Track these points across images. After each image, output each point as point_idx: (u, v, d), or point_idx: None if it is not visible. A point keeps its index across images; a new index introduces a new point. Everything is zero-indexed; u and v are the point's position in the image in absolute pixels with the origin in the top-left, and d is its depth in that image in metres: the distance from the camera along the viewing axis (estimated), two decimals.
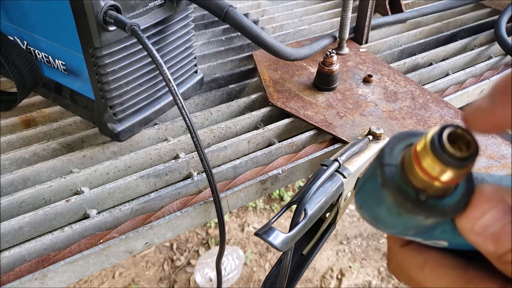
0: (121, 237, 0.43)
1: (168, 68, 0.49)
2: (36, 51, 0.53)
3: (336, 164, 0.44)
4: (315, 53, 0.69)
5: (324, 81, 0.63)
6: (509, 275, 0.18)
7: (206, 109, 0.61)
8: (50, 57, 0.52)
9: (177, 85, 0.58)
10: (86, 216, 0.47)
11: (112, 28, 0.44)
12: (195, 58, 0.60)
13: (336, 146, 0.56)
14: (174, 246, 1.58)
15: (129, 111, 0.52)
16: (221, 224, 0.47)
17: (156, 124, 0.58)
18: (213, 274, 1.42)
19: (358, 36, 0.77)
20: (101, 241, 0.43)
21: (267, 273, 0.46)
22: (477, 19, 0.93)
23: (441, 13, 0.92)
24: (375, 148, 0.49)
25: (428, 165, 0.17)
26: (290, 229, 0.39)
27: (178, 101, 0.43)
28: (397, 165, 0.19)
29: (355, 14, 0.76)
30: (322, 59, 0.62)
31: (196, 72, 0.61)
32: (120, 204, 0.47)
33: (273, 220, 0.39)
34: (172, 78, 0.43)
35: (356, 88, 0.65)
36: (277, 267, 0.44)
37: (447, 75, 0.73)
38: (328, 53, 0.61)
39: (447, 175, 0.17)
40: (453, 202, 0.18)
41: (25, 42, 0.53)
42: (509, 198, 0.18)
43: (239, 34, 0.80)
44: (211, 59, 0.75)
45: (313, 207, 0.40)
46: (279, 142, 0.56)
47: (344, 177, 0.44)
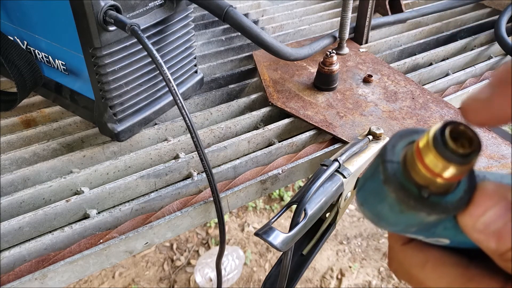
0: (121, 237, 0.43)
1: (168, 68, 0.49)
2: (36, 51, 0.53)
3: (336, 164, 0.44)
4: (315, 53, 0.69)
5: (324, 81, 0.63)
6: (511, 273, 0.18)
7: (206, 109, 0.61)
8: (50, 57, 0.52)
9: (177, 85, 0.58)
10: (86, 216, 0.47)
11: (112, 28, 0.44)
12: (195, 58, 0.60)
13: (336, 146, 0.56)
14: (174, 246, 1.58)
15: (129, 111, 0.52)
16: (221, 224, 0.47)
17: (156, 124, 0.58)
18: (213, 274, 1.42)
19: (358, 36, 0.77)
20: (101, 241, 0.43)
21: (267, 273, 0.46)
22: (477, 19, 0.93)
23: (441, 13, 0.92)
24: (375, 148, 0.49)
25: (431, 162, 0.17)
26: (290, 229, 0.39)
27: (178, 101, 0.43)
28: (399, 162, 0.19)
29: (355, 14, 0.76)
30: (322, 59, 0.62)
31: (196, 72, 0.61)
32: (120, 204, 0.47)
33: (273, 220, 0.39)
34: (172, 78, 0.43)
35: (356, 88, 0.65)
36: (277, 267, 0.44)
37: (447, 75, 0.73)
38: (328, 53, 0.61)
39: (450, 172, 0.17)
40: (456, 199, 0.18)
41: (25, 42, 0.53)
42: (511, 196, 0.18)
43: (239, 34, 0.80)
44: (211, 59, 0.75)
45: (313, 207, 0.40)
46: (279, 142, 0.56)
47: (344, 177, 0.44)
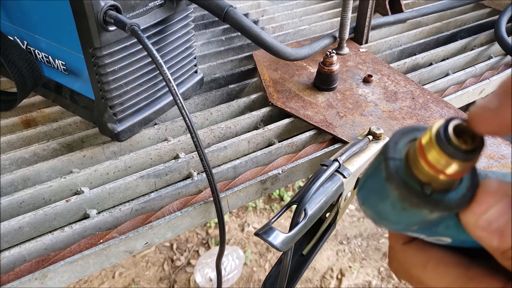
0: (121, 237, 0.43)
1: (168, 68, 0.49)
2: (36, 51, 0.53)
3: (336, 164, 0.44)
4: (315, 53, 0.69)
5: (324, 81, 0.63)
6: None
7: (206, 109, 0.61)
8: (50, 57, 0.52)
9: (177, 85, 0.58)
10: (86, 216, 0.47)
11: (112, 28, 0.44)
12: (195, 58, 0.60)
13: (336, 146, 0.56)
14: (174, 246, 1.58)
15: (129, 111, 0.52)
16: (221, 224, 0.47)
17: (156, 124, 0.58)
18: (213, 274, 1.42)
19: (358, 36, 0.77)
20: (101, 241, 0.43)
21: (267, 273, 0.46)
22: (477, 19, 0.93)
23: (441, 13, 0.92)
24: (375, 148, 0.49)
25: (434, 158, 0.17)
26: (290, 229, 0.39)
27: (178, 101, 0.43)
28: (401, 159, 0.19)
29: (355, 14, 0.76)
30: (322, 59, 0.62)
31: (196, 72, 0.61)
32: (120, 204, 0.47)
33: (273, 220, 0.39)
34: (172, 78, 0.43)
35: (356, 88, 0.65)
36: (277, 267, 0.44)
37: (447, 75, 0.73)
38: (328, 53, 0.61)
39: (453, 168, 0.17)
40: (458, 197, 0.18)
41: (25, 42, 0.53)
42: None
43: (239, 34, 0.80)
44: (211, 59, 0.75)
45: (313, 207, 0.40)
46: (279, 142, 0.56)
47: (344, 177, 0.44)
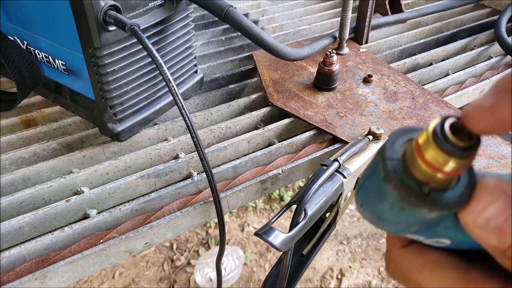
0: (121, 237, 0.43)
1: (168, 68, 0.49)
2: (36, 51, 0.53)
3: (336, 164, 0.44)
4: (315, 53, 0.69)
5: (324, 81, 0.63)
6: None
7: (206, 109, 0.61)
8: (50, 57, 0.52)
9: (177, 85, 0.58)
10: (86, 216, 0.47)
11: (112, 28, 0.44)
12: (195, 58, 0.60)
13: (336, 146, 0.56)
14: (174, 246, 1.58)
15: (129, 111, 0.52)
16: (221, 224, 0.47)
17: (156, 124, 0.58)
18: (213, 274, 1.42)
19: (358, 36, 0.77)
20: (101, 241, 0.43)
21: (267, 273, 0.46)
22: (477, 19, 0.93)
23: (441, 13, 0.92)
24: (375, 148, 0.49)
25: (431, 157, 0.17)
26: (290, 229, 0.39)
27: (178, 101, 0.43)
28: (399, 159, 0.19)
29: (355, 14, 0.76)
30: (322, 59, 0.62)
31: (196, 72, 0.61)
32: (120, 204, 0.47)
33: (273, 220, 0.39)
34: (172, 78, 0.43)
35: (356, 88, 0.65)
36: (277, 267, 0.44)
37: (447, 75, 0.73)
38: (328, 53, 0.61)
39: (450, 166, 0.17)
40: (456, 195, 0.18)
41: (25, 42, 0.53)
42: (511, 191, 0.18)
43: (239, 34, 0.80)
44: (211, 59, 0.75)
45: (313, 207, 0.40)
46: (279, 142, 0.56)
47: (344, 177, 0.44)
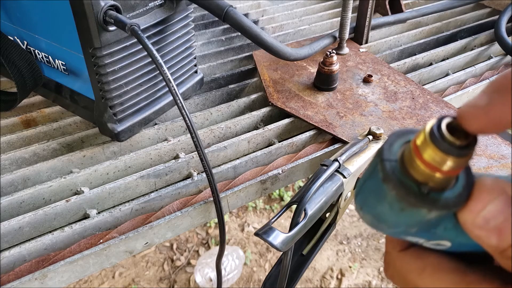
0: (121, 237, 0.43)
1: (168, 68, 0.49)
2: (36, 51, 0.53)
3: (336, 164, 0.44)
4: (315, 53, 0.69)
5: (324, 81, 0.63)
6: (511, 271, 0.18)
7: (206, 109, 0.61)
8: (50, 57, 0.52)
9: (177, 85, 0.58)
10: (86, 216, 0.47)
11: (112, 28, 0.44)
12: (195, 58, 0.60)
13: (336, 146, 0.56)
14: (174, 246, 1.58)
15: (129, 111, 0.52)
16: (221, 224, 0.47)
17: (156, 124, 0.58)
18: (213, 274, 1.42)
19: (358, 36, 0.77)
20: (101, 241, 0.43)
21: (267, 273, 0.46)
22: (477, 19, 0.93)
23: (441, 13, 0.92)
24: (375, 148, 0.49)
25: (429, 156, 0.17)
26: (290, 229, 0.39)
27: (178, 101, 0.43)
28: (397, 160, 0.19)
29: (355, 14, 0.76)
30: (322, 59, 0.62)
31: (196, 72, 0.61)
32: (120, 204, 0.47)
33: (273, 220, 0.39)
34: (172, 78, 0.43)
35: (356, 88, 0.65)
36: (277, 267, 0.44)
37: (447, 75, 0.73)
38: (328, 53, 0.61)
39: (448, 165, 0.17)
40: (455, 195, 0.18)
41: (25, 42, 0.53)
42: (509, 190, 0.18)
43: (239, 34, 0.80)
44: (211, 59, 0.75)
45: (313, 207, 0.40)
46: (279, 142, 0.56)
47: (344, 177, 0.44)
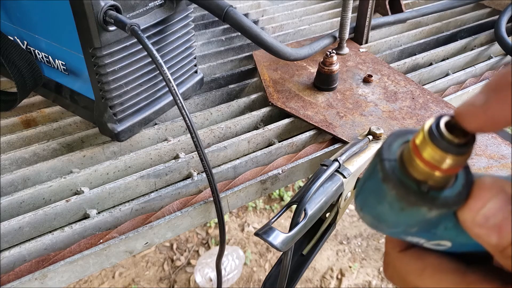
0: (121, 237, 0.43)
1: (168, 68, 0.49)
2: (36, 51, 0.53)
3: (336, 164, 0.44)
4: (315, 53, 0.69)
5: (324, 81, 0.63)
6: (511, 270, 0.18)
7: (206, 109, 0.61)
8: (50, 57, 0.52)
9: (177, 85, 0.58)
10: (86, 216, 0.47)
11: (112, 28, 0.44)
12: (195, 58, 0.60)
13: (336, 146, 0.56)
14: (174, 246, 1.58)
15: (129, 111, 0.52)
16: (221, 224, 0.47)
17: (156, 124, 0.58)
18: (213, 274, 1.42)
19: (358, 36, 0.77)
20: (101, 241, 0.43)
21: (267, 273, 0.46)
22: (477, 19, 0.93)
23: (441, 13, 0.92)
24: (375, 148, 0.49)
25: (428, 155, 0.18)
26: (290, 229, 0.39)
27: (178, 101, 0.43)
28: (396, 160, 0.19)
29: (355, 14, 0.76)
30: (322, 59, 0.62)
31: (196, 72, 0.61)
32: (120, 204, 0.47)
33: (273, 220, 0.39)
34: (172, 78, 0.43)
35: (356, 88, 0.65)
36: (277, 267, 0.44)
37: (447, 75, 0.73)
38: (328, 53, 0.61)
39: (447, 163, 0.17)
40: (454, 194, 0.18)
41: (25, 42, 0.53)
42: (509, 188, 0.18)
43: (239, 34, 0.80)
44: (211, 59, 0.75)
45: (313, 207, 0.40)
46: (279, 142, 0.56)
47: (344, 177, 0.44)
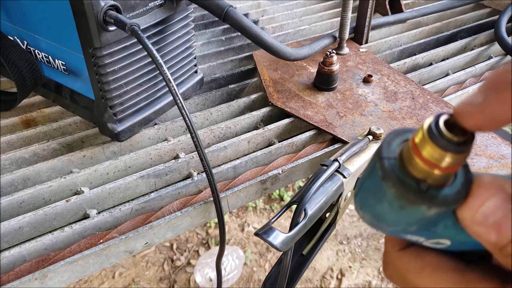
0: (121, 237, 0.43)
1: (168, 68, 0.49)
2: (36, 51, 0.53)
3: (336, 164, 0.44)
4: (315, 53, 0.69)
5: (324, 81, 0.63)
6: (511, 268, 0.18)
7: (206, 109, 0.61)
8: (50, 57, 0.52)
9: (177, 85, 0.58)
10: (86, 216, 0.47)
11: (112, 28, 0.44)
12: (195, 58, 0.60)
13: (336, 146, 0.56)
14: (174, 246, 1.58)
15: (129, 111, 0.52)
16: (221, 224, 0.47)
17: (156, 124, 0.58)
18: (213, 274, 1.42)
19: (358, 36, 0.77)
20: (101, 241, 0.43)
21: (267, 273, 0.46)
22: (477, 19, 0.93)
23: (441, 13, 0.92)
24: (375, 148, 0.49)
25: (428, 153, 0.18)
26: (290, 229, 0.39)
27: (178, 101, 0.43)
28: (396, 158, 0.19)
29: (355, 14, 0.76)
30: (322, 59, 0.62)
31: (196, 72, 0.61)
32: (120, 204, 0.47)
33: (273, 220, 0.39)
34: (172, 78, 0.43)
35: (356, 88, 0.65)
36: (277, 267, 0.44)
37: (447, 75, 0.73)
38: (328, 53, 0.61)
39: (446, 161, 0.18)
40: (454, 192, 0.18)
41: (25, 42, 0.53)
42: (508, 187, 0.18)
43: (239, 34, 0.80)
44: (211, 59, 0.75)
45: (313, 207, 0.40)
46: (279, 142, 0.56)
47: (344, 177, 0.44)
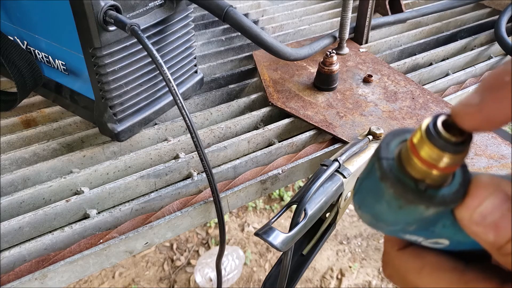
0: (121, 237, 0.43)
1: (168, 68, 0.49)
2: (36, 51, 0.53)
3: (336, 164, 0.44)
4: (315, 53, 0.69)
5: (324, 81, 0.63)
6: (510, 268, 0.18)
7: (206, 109, 0.61)
8: (50, 57, 0.52)
9: (177, 85, 0.58)
10: (86, 216, 0.47)
11: (112, 28, 0.44)
12: (195, 58, 0.60)
13: (336, 146, 0.56)
14: (174, 246, 1.58)
15: (129, 111, 0.52)
16: (221, 224, 0.47)
17: (156, 124, 0.58)
18: (213, 274, 1.42)
19: (358, 36, 0.77)
20: (101, 241, 0.43)
21: (267, 273, 0.46)
22: (477, 19, 0.93)
23: (441, 13, 0.92)
24: (375, 148, 0.49)
25: (426, 153, 0.18)
26: (290, 229, 0.39)
27: (178, 101, 0.43)
28: (394, 158, 0.19)
29: (355, 14, 0.76)
30: (322, 59, 0.62)
31: (196, 72, 0.61)
32: (120, 204, 0.47)
33: (273, 220, 0.39)
34: (172, 78, 0.43)
35: (356, 88, 0.65)
36: (277, 267, 0.44)
37: (447, 75, 0.73)
38: (328, 53, 0.61)
39: (444, 161, 0.18)
40: (452, 192, 0.19)
41: (25, 42, 0.53)
42: (506, 187, 0.18)
43: (239, 34, 0.80)
44: (211, 59, 0.75)
45: (313, 207, 0.40)
46: (279, 142, 0.56)
47: (344, 177, 0.44)
